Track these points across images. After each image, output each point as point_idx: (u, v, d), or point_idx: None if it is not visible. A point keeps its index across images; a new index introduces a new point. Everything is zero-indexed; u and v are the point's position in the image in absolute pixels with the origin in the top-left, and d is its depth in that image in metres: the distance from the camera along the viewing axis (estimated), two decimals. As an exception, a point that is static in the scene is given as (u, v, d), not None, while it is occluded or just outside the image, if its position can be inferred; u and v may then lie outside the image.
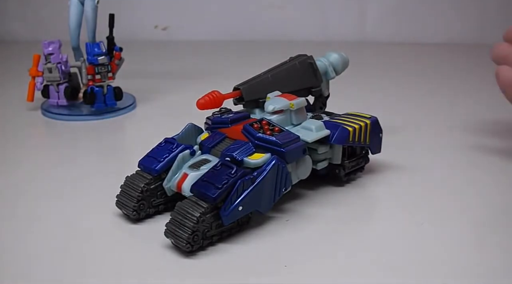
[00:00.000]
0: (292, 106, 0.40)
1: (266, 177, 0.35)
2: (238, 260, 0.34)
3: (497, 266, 0.33)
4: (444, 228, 0.37)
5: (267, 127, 0.38)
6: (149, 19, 1.05)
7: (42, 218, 0.39)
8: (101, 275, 0.32)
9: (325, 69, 0.48)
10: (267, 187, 0.36)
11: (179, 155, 0.38)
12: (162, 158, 0.38)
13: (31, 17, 1.05)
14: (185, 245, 0.33)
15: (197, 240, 0.34)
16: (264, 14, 1.03)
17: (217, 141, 0.39)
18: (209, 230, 0.34)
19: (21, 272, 0.33)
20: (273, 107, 0.40)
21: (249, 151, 0.37)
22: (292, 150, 0.37)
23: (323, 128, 0.40)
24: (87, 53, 0.60)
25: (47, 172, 0.47)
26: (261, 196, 0.36)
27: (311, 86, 0.47)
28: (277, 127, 0.38)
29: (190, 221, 0.33)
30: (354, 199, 0.41)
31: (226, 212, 0.34)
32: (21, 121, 0.61)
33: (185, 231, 0.33)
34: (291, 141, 0.37)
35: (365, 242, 0.36)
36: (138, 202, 0.37)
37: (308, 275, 0.32)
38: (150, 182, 0.38)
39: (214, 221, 0.34)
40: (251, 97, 0.44)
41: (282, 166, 0.36)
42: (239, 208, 0.34)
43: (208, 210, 0.34)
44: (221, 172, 0.35)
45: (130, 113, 0.63)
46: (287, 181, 0.37)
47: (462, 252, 0.34)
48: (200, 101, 0.42)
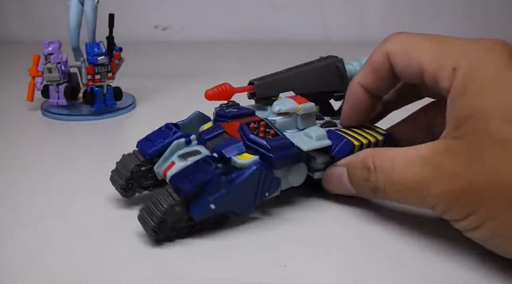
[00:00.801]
0: (298, 110, 0.39)
1: (245, 180, 0.35)
2: (238, 259, 0.34)
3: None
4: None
5: (263, 128, 0.38)
6: (149, 19, 1.05)
7: (41, 218, 0.39)
8: (101, 274, 0.32)
9: (355, 74, 0.45)
10: (246, 190, 0.35)
11: (174, 142, 0.38)
12: (157, 143, 0.39)
13: (31, 17, 1.05)
14: (150, 232, 0.34)
15: (163, 229, 0.34)
16: (264, 14, 1.03)
17: (214, 134, 0.39)
18: (178, 222, 0.35)
19: (20, 272, 0.33)
20: (279, 108, 0.39)
21: (239, 150, 0.36)
22: (282, 156, 0.36)
23: (325, 137, 0.39)
24: (87, 53, 0.60)
25: (46, 172, 0.47)
26: (239, 198, 0.35)
27: (334, 90, 0.45)
28: (273, 131, 0.38)
29: (159, 211, 0.34)
30: (355, 201, 0.41)
31: (196, 207, 0.34)
32: (21, 121, 0.61)
33: (152, 219, 0.34)
34: (283, 147, 0.37)
35: (365, 242, 0.36)
36: (127, 181, 0.39)
37: (308, 275, 0.32)
38: (142, 163, 0.39)
39: (185, 214, 0.34)
40: (263, 94, 0.43)
41: (267, 171, 0.36)
42: (211, 206, 0.34)
43: (178, 203, 0.34)
44: (201, 167, 0.35)
45: (130, 113, 0.63)
46: (271, 186, 0.37)
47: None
48: (208, 92, 0.41)
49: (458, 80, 0.33)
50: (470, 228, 0.32)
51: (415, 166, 0.33)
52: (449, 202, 0.32)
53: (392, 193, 0.35)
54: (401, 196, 0.35)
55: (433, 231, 0.37)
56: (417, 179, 0.33)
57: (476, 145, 0.31)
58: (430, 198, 0.32)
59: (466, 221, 0.31)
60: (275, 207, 0.40)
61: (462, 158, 0.31)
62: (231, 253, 0.35)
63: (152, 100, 0.67)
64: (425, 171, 0.33)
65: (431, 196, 0.32)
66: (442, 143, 0.33)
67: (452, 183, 0.31)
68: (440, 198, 0.32)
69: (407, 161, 0.34)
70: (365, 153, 0.37)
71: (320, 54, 0.48)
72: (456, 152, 0.32)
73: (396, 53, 0.37)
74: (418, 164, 0.33)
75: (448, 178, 0.31)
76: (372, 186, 0.36)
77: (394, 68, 0.37)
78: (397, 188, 0.34)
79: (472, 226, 0.31)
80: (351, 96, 0.41)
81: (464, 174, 0.31)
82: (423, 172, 0.33)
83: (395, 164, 0.34)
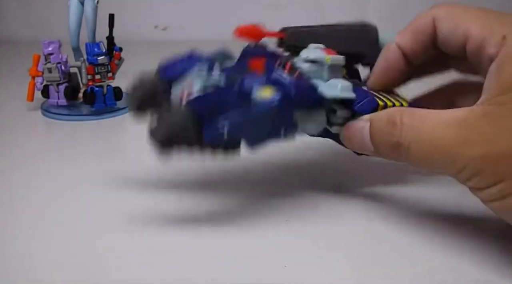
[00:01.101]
0: (327, 60, 0.37)
1: (263, 110, 0.34)
2: (238, 259, 0.34)
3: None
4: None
5: (288, 68, 0.37)
6: (149, 19, 1.05)
7: (41, 218, 0.39)
8: (101, 274, 0.32)
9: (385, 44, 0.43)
10: (263, 121, 0.34)
11: (195, 68, 0.37)
12: (177, 65, 0.37)
13: (31, 17, 1.05)
14: (158, 139, 0.32)
15: (172, 142, 0.32)
16: (264, 14, 1.03)
17: (237, 69, 0.38)
18: (188, 140, 0.33)
19: (20, 271, 0.33)
20: (307, 55, 0.38)
21: (261, 84, 0.35)
22: (303, 96, 0.35)
23: (349, 90, 0.37)
24: (87, 53, 0.60)
25: (46, 172, 0.47)
26: (254, 128, 0.34)
27: (364, 55, 0.43)
28: (298, 72, 0.37)
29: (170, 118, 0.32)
30: (355, 201, 0.41)
31: (209, 126, 0.33)
32: (21, 121, 0.61)
33: (162, 126, 0.32)
34: (306, 88, 0.36)
35: (366, 241, 0.36)
36: (141, 98, 0.37)
37: (308, 275, 0.32)
38: (159, 84, 0.37)
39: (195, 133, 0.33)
40: (293, 42, 0.41)
41: (285, 107, 0.34)
42: (225, 127, 0.33)
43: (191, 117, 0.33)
44: (220, 91, 0.34)
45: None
46: (288, 127, 0.35)
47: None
48: (240, 28, 0.40)
49: (508, 47, 0.32)
50: (496, 197, 0.30)
51: (448, 126, 0.31)
52: (481, 166, 0.30)
53: (416, 152, 0.33)
54: (426, 156, 0.32)
55: (434, 236, 0.37)
56: (449, 139, 0.31)
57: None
58: (460, 160, 0.31)
59: (493, 189, 0.30)
60: (275, 207, 0.40)
61: (503, 123, 0.30)
62: (231, 253, 0.35)
63: (152, 100, 0.67)
64: (460, 132, 0.31)
65: (462, 158, 0.30)
66: (480, 108, 0.31)
67: (489, 146, 0.30)
68: (472, 161, 0.30)
69: (439, 121, 0.32)
70: (393, 109, 0.35)
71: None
72: (497, 117, 0.30)
73: (443, 18, 0.36)
74: (452, 124, 0.31)
75: (484, 141, 0.30)
76: (395, 142, 0.34)
77: (437, 33, 0.37)
78: (424, 146, 0.32)
79: (498, 195, 0.30)
80: (385, 57, 0.40)
81: (503, 139, 0.29)
82: (457, 133, 0.31)
83: (426, 122, 0.32)
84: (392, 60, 0.40)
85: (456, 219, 0.38)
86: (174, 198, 0.41)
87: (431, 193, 0.42)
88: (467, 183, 0.31)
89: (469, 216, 0.39)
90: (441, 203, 0.41)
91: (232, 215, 0.39)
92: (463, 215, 0.39)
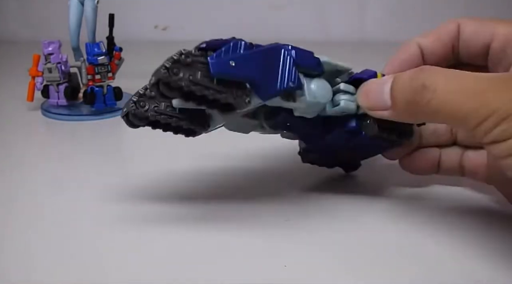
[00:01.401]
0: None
1: (268, 50, 0.34)
2: (238, 259, 0.34)
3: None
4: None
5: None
6: (149, 19, 1.05)
7: (41, 218, 0.39)
8: (101, 274, 0.32)
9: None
10: (269, 64, 0.34)
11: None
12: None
13: (31, 17, 1.05)
14: (162, 71, 0.31)
15: (177, 73, 0.31)
16: (264, 14, 1.03)
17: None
18: (193, 76, 0.31)
19: (20, 271, 0.33)
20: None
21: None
22: (301, 52, 0.35)
23: (348, 65, 0.37)
24: (87, 53, 0.60)
25: (47, 172, 0.47)
26: (261, 69, 0.33)
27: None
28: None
29: (175, 55, 0.32)
30: (356, 201, 0.41)
31: (216, 59, 0.32)
32: (21, 121, 0.61)
33: (168, 60, 0.32)
34: (305, 50, 0.35)
35: (366, 242, 0.36)
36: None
37: (308, 275, 0.32)
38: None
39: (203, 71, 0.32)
40: None
41: (291, 57, 0.34)
42: (231, 62, 0.32)
43: (196, 52, 0.32)
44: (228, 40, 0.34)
45: (130, 113, 0.63)
46: (295, 76, 0.34)
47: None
48: None
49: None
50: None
51: (479, 76, 0.30)
52: (505, 117, 0.28)
53: (442, 95, 0.30)
54: (451, 100, 0.30)
55: (436, 236, 0.37)
56: (480, 83, 0.30)
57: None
58: (491, 104, 0.29)
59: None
60: (275, 207, 0.40)
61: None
62: (231, 253, 0.35)
63: (152, 100, 0.67)
64: (492, 80, 0.30)
65: (493, 102, 0.29)
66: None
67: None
68: (503, 105, 0.28)
69: (469, 73, 0.31)
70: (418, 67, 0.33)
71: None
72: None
73: (468, 21, 0.37)
74: (484, 75, 0.30)
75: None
76: (421, 84, 0.31)
77: (460, 36, 0.37)
78: (453, 88, 0.30)
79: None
80: (403, 51, 0.40)
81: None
82: (489, 80, 0.30)
83: (455, 71, 0.31)
84: (409, 56, 0.39)
85: (459, 218, 0.38)
86: (174, 198, 0.41)
87: (434, 193, 0.42)
88: (486, 136, 0.29)
89: (474, 216, 0.39)
90: (444, 203, 0.41)
91: (232, 215, 0.39)
92: (466, 215, 0.39)
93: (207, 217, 0.38)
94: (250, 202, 0.40)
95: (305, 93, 0.35)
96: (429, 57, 0.39)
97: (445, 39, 0.38)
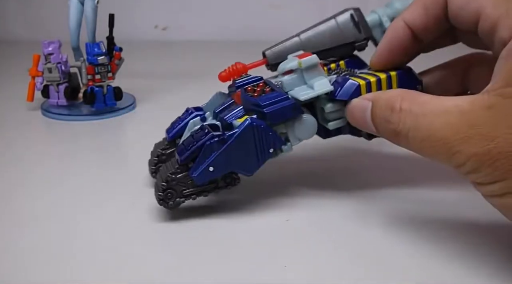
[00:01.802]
0: (300, 65, 0.38)
1: (238, 138, 0.36)
2: (238, 259, 0.34)
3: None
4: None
5: (259, 89, 0.38)
6: (149, 19, 1.05)
7: (42, 218, 0.39)
8: (101, 273, 0.32)
9: (378, 21, 0.43)
10: (244, 148, 0.36)
11: (190, 122, 0.40)
12: (176, 125, 0.41)
13: (31, 17, 1.05)
14: (158, 201, 0.37)
15: (172, 197, 0.36)
16: (264, 14, 1.03)
17: (224, 106, 0.39)
18: (185, 188, 0.36)
19: (20, 271, 0.33)
20: (283, 67, 0.39)
21: (239, 114, 0.38)
22: (275, 110, 0.36)
23: (326, 85, 0.38)
24: (87, 53, 0.60)
25: (46, 172, 0.47)
26: (238, 158, 0.36)
27: (352, 41, 0.43)
28: (269, 88, 0.38)
29: (163, 180, 0.36)
30: (356, 201, 0.41)
31: (195, 172, 0.36)
32: (21, 121, 0.61)
33: (158, 189, 0.37)
34: (276, 101, 0.37)
35: (366, 242, 0.36)
36: (156, 165, 0.42)
37: (308, 275, 0.32)
38: (166, 147, 0.42)
39: (189, 180, 0.36)
40: (276, 60, 0.42)
41: (259, 126, 0.36)
42: (210, 169, 0.36)
43: (178, 170, 0.36)
44: (197, 136, 0.37)
45: (130, 113, 0.63)
46: (274, 142, 0.37)
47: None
48: (221, 74, 0.42)
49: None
50: (497, 193, 0.29)
51: (449, 116, 0.30)
52: (481, 164, 0.29)
53: (416, 142, 0.31)
54: (425, 146, 0.31)
55: (440, 232, 0.37)
56: (449, 131, 0.30)
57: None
58: (460, 155, 0.29)
59: (495, 186, 0.29)
60: (275, 207, 0.40)
61: (505, 120, 0.29)
62: (231, 253, 0.35)
63: (152, 100, 0.67)
64: (461, 124, 0.30)
65: (462, 154, 0.29)
66: (485, 99, 0.30)
67: (490, 143, 0.28)
68: (472, 157, 0.29)
69: (441, 109, 0.30)
70: (395, 92, 0.34)
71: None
72: (500, 112, 0.29)
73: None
74: (454, 114, 0.30)
75: (486, 138, 0.29)
76: (393, 130, 0.33)
77: (448, 7, 0.35)
78: (424, 136, 0.31)
79: (498, 192, 0.29)
80: (391, 33, 0.38)
81: (506, 137, 0.28)
82: (458, 125, 0.30)
83: (426, 110, 0.31)
84: (398, 37, 0.38)
85: (458, 222, 0.38)
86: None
87: (435, 195, 0.42)
88: (468, 177, 0.31)
89: (474, 221, 0.39)
90: (444, 206, 0.41)
91: (232, 215, 0.39)
92: (466, 219, 0.39)
93: (207, 217, 0.38)
94: (250, 202, 0.40)
95: (289, 141, 0.38)
96: (421, 33, 0.38)
97: (434, 14, 0.36)
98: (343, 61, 0.43)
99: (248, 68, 0.42)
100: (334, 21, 0.43)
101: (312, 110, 0.39)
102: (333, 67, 0.43)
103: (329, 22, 0.44)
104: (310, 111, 0.39)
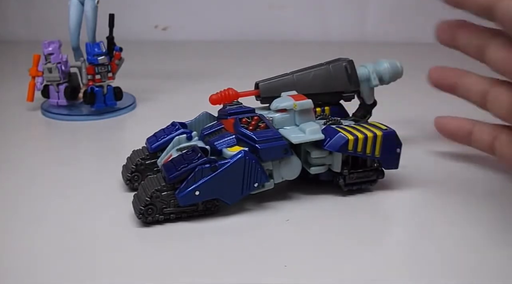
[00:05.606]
0: (295, 107, 0.40)
1: (229, 168, 0.37)
2: (238, 259, 0.34)
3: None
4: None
5: (254, 122, 0.39)
6: (149, 19, 1.05)
7: (42, 218, 0.39)
8: (101, 273, 0.32)
9: (367, 76, 0.46)
10: (232, 178, 0.37)
11: (175, 138, 0.40)
12: (160, 138, 0.41)
13: (31, 17, 1.05)
14: (138, 214, 0.37)
15: (152, 213, 0.36)
16: (264, 14, 1.03)
17: (213, 130, 0.40)
18: (166, 207, 0.37)
19: (21, 272, 0.33)
20: (277, 105, 0.41)
21: (231, 143, 0.38)
22: (269, 148, 0.38)
23: (317, 132, 0.39)
24: (87, 53, 0.60)
25: (47, 172, 0.47)
26: (224, 186, 0.37)
27: (341, 91, 0.45)
28: (264, 124, 0.39)
29: (146, 195, 0.36)
30: (355, 201, 0.41)
31: (180, 193, 0.36)
32: (21, 121, 0.61)
33: (140, 203, 0.37)
34: (270, 139, 0.38)
35: (366, 242, 0.36)
36: (132, 173, 0.42)
37: (308, 275, 0.32)
38: (146, 157, 0.42)
39: (172, 200, 0.37)
40: (267, 94, 0.44)
41: (251, 161, 0.37)
42: (196, 192, 0.36)
43: (164, 188, 0.36)
44: (188, 156, 0.37)
45: (130, 113, 0.63)
46: (261, 177, 0.38)
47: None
48: (213, 97, 0.43)
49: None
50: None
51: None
52: None
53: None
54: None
55: (440, 232, 0.37)
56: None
57: None
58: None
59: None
60: (275, 207, 0.40)
61: None
62: (231, 253, 0.35)
63: (152, 100, 0.67)
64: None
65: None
66: None
67: None
68: None
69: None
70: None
71: (320, 54, 0.48)
72: None
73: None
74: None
75: None
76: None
77: None
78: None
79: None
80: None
81: None
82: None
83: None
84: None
85: (462, 225, 0.38)
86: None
87: (437, 196, 0.42)
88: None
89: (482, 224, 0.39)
90: (444, 207, 0.41)
91: (232, 215, 0.39)
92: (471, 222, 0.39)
93: (207, 217, 0.38)
94: (250, 202, 0.40)
95: (273, 178, 0.39)
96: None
97: None
98: (328, 107, 0.45)
99: (240, 96, 0.43)
100: (329, 68, 0.45)
101: (296, 150, 0.40)
102: (318, 111, 0.45)
103: (323, 68, 0.45)
104: (295, 151, 0.40)
